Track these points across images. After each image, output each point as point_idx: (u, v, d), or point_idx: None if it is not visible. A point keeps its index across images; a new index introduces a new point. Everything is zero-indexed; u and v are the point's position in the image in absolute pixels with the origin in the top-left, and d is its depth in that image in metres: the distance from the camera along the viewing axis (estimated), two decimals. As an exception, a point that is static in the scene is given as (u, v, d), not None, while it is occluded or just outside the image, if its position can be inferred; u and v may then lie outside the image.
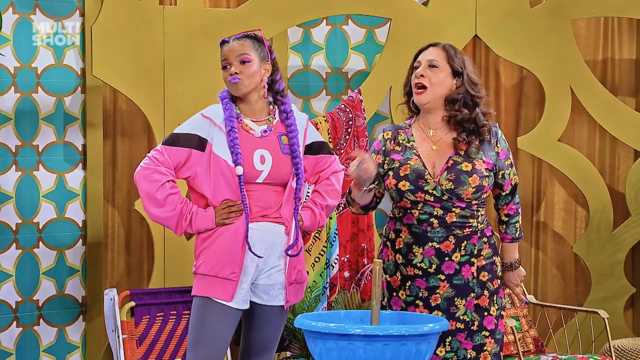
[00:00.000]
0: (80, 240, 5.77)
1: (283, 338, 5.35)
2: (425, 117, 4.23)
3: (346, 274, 5.72)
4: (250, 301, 4.21)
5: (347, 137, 5.75)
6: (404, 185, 4.15)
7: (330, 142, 5.68)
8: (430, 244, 4.14)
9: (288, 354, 5.57)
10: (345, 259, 5.72)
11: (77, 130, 5.75)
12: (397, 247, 4.20)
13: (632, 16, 6.32)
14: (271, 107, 4.28)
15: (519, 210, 4.29)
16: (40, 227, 5.69)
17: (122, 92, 5.55)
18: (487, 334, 4.17)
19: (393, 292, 4.22)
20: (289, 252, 4.18)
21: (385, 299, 4.24)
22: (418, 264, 4.15)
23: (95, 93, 5.74)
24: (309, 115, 6.06)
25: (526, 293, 5.89)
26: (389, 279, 4.23)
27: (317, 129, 5.65)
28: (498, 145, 4.20)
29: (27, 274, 5.65)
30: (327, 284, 5.65)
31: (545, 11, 6.14)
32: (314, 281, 5.60)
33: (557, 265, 6.59)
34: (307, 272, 5.57)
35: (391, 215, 4.28)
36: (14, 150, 5.62)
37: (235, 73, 4.16)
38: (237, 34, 4.23)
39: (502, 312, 4.24)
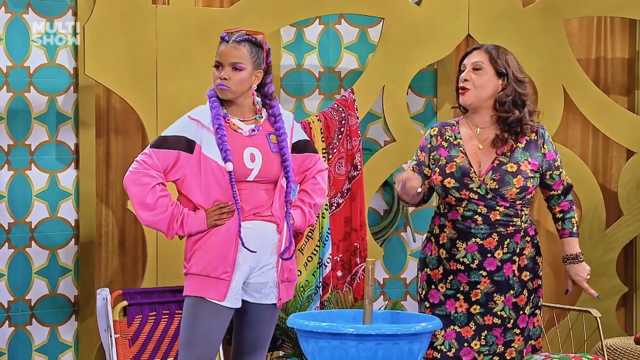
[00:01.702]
0: (73, 239, 5.77)
1: (276, 337, 5.35)
2: (473, 116, 4.30)
3: (339, 273, 5.72)
4: (242, 300, 4.21)
5: (340, 136, 5.75)
6: (449, 182, 4.21)
7: (323, 141, 5.69)
8: (473, 239, 4.21)
9: (281, 353, 5.56)
10: (338, 258, 5.72)
11: (69, 130, 5.75)
12: (441, 242, 4.27)
13: (624, 16, 6.33)
14: (258, 107, 4.28)
15: (573, 207, 4.34)
16: (33, 227, 5.68)
17: (114, 92, 5.55)
18: (517, 331, 4.27)
19: (432, 285, 4.28)
20: (283, 256, 4.19)
21: (424, 292, 4.28)
22: (461, 259, 4.22)
23: (88, 92, 5.74)
24: (302, 115, 6.09)
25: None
26: (429, 273, 4.29)
27: (310, 128, 5.65)
28: (545, 146, 4.26)
29: (19, 273, 5.64)
30: (320, 283, 5.65)
31: (538, 11, 6.15)
32: (307, 280, 5.60)
33: (550, 264, 6.59)
34: (300, 272, 5.58)
35: (437, 210, 4.34)
36: (6, 150, 5.61)
37: (224, 79, 4.15)
38: (239, 31, 4.19)
39: (536, 311, 4.32)
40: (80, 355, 5.76)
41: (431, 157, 4.29)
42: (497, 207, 4.20)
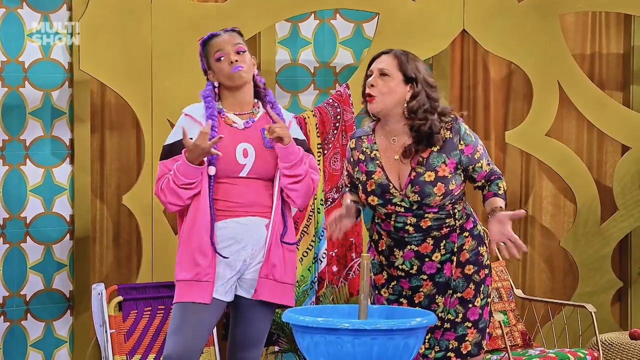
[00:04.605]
0: (68, 234, 5.76)
1: (271, 333, 5.35)
2: (386, 123, 4.18)
3: (334, 268, 5.73)
4: (238, 295, 4.21)
5: (335, 131, 5.75)
6: (373, 200, 4.15)
7: (318, 136, 5.69)
8: (409, 247, 4.15)
9: (276, 348, 5.57)
10: (334, 254, 5.72)
11: (64, 125, 5.74)
12: (380, 249, 4.22)
13: (619, 11, 6.34)
14: (255, 100, 4.29)
15: (501, 176, 4.20)
16: (28, 222, 5.68)
17: (109, 87, 5.55)
18: (469, 324, 4.20)
19: (376, 289, 4.24)
20: (284, 239, 4.18)
21: (372, 297, 4.25)
22: (400, 266, 4.17)
23: (83, 87, 5.73)
24: (297, 110, 6.09)
25: (513, 287, 5.90)
26: (373, 277, 4.25)
27: (305, 123, 5.65)
28: (462, 142, 4.13)
29: (14, 268, 5.64)
30: (315, 279, 5.65)
31: (533, 6, 6.15)
32: (302, 276, 5.60)
33: (545, 260, 6.60)
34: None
35: (372, 218, 4.28)
36: (1, 145, 5.60)
37: (236, 60, 4.16)
38: (223, 29, 4.25)
39: (488, 300, 4.25)
40: (75, 351, 5.76)
41: (355, 171, 4.21)
42: (426, 215, 4.12)
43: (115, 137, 5.88)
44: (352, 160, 4.23)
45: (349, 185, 4.31)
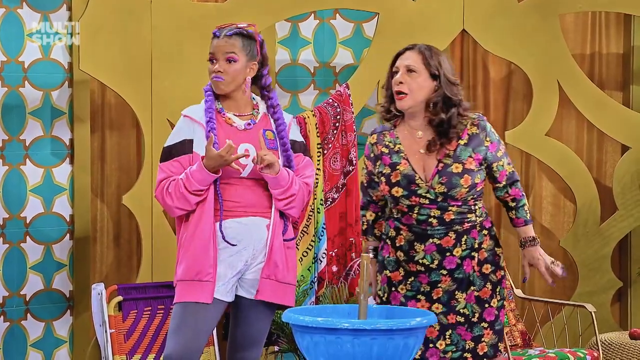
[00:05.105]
0: (68, 234, 5.76)
1: (271, 332, 5.35)
2: (411, 118, 4.23)
3: (334, 268, 5.73)
4: (238, 295, 4.21)
5: (335, 131, 5.75)
6: (397, 192, 4.17)
7: (318, 136, 5.69)
8: (431, 240, 4.17)
9: (276, 348, 5.57)
10: (333, 253, 5.72)
11: (64, 125, 5.74)
12: (397, 245, 4.23)
13: (619, 11, 6.33)
14: (255, 102, 4.28)
15: (524, 194, 4.30)
16: (28, 222, 5.68)
17: (109, 87, 5.55)
18: (485, 325, 4.22)
19: (392, 287, 4.24)
20: (285, 236, 4.19)
21: (385, 295, 4.26)
22: (420, 260, 4.18)
23: (83, 87, 5.73)
24: (297, 110, 6.09)
25: (513, 287, 5.90)
26: (389, 275, 4.25)
27: (305, 123, 5.65)
28: (488, 138, 4.21)
29: (14, 268, 5.64)
30: (315, 279, 5.65)
31: (533, 6, 6.15)
32: (302, 276, 5.60)
33: (544, 259, 6.59)
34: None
35: (389, 214, 4.29)
36: (0, 145, 5.60)
37: (219, 71, 4.15)
38: (230, 25, 4.20)
39: (504, 302, 4.29)
40: (75, 351, 5.76)
41: (377, 166, 4.24)
42: (450, 208, 4.15)
43: (115, 137, 5.89)
44: (372, 155, 4.27)
45: (366, 184, 4.31)
